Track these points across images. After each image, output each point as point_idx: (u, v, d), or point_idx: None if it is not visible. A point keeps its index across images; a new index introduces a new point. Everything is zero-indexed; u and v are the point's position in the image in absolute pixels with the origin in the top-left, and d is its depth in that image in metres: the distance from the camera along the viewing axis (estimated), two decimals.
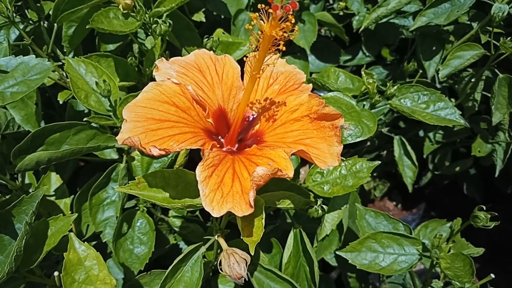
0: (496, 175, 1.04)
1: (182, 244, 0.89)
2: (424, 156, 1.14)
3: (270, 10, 0.44)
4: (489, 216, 0.61)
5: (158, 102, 0.47)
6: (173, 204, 0.52)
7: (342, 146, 0.47)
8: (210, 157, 0.43)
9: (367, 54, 1.20)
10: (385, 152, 1.26)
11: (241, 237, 0.48)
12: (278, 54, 0.56)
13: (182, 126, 0.47)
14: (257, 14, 0.44)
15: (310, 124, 0.49)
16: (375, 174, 1.36)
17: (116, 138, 0.44)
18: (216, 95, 0.53)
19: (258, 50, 0.46)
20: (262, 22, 0.44)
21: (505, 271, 1.27)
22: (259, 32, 0.46)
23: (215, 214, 0.41)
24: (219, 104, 0.53)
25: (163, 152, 0.42)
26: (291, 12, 0.42)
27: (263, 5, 0.44)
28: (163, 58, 0.51)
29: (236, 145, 0.52)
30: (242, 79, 0.55)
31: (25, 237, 0.52)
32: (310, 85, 0.55)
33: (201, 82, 0.52)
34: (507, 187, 1.27)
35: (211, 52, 0.55)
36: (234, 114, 0.53)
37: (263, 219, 0.50)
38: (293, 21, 0.43)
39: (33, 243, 0.57)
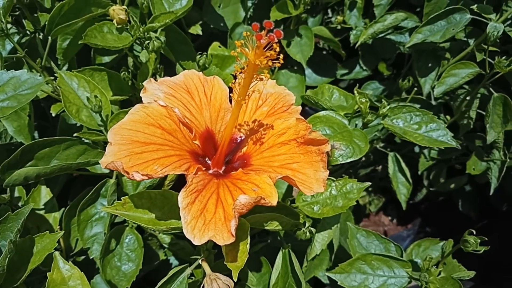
0: (491, 193, 1.03)
1: (172, 259, 0.88)
2: (419, 172, 1.13)
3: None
4: (479, 240, 0.61)
5: (144, 124, 0.47)
6: (159, 226, 0.52)
7: (328, 172, 0.46)
8: (194, 183, 0.43)
9: (364, 68, 1.20)
10: (380, 167, 1.25)
11: (225, 263, 0.48)
12: (268, 76, 0.56)
13: (168, 149, 0.46)
14: (242, 41, 0.44)
15: (297, 148, 0.49)
16: (370, 189, 1.35)
17: (100, 161, 0.44)
18: (204, 117, 0.52)
19: (243, 76, 0.46)
20: (247, 49, 0.44)
21: None
22: (244, 59, 0.46)
23: (196, 242, 0.40)
24: (207, 126, 0.53)
25: (145, 178, 0.42)
26: (275, 41, 0.42)
27: (248, 33, 0.44)
28: (151, 79, 0.51)
29: (223, 167, 0.52)
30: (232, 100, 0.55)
31: (8, 256, 0.52)
32: (299, 107, 0.55)
33: (189, 104, 0.51)
34: (502, 205, 1.26)
35: (200, 73, 0.54)
36: (222, 136, 0.53)
37: (248, 244, 0.49)
38: (277, 49, 0.43)
39: (17, 260, 0.57)
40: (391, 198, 1.41)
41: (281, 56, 0.44)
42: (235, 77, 0.48)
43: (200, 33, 1.00)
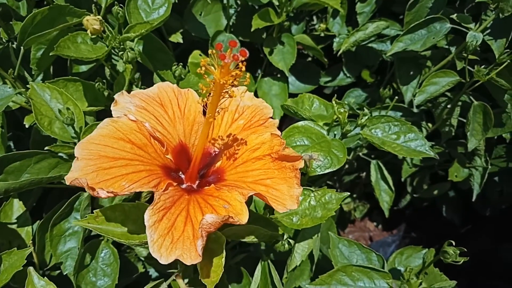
0: (473, 199, 1.04)
1: (152, 271, 0.87)
2: (402, 179, 1.13)
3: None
4: (458, 252, 0.60)
5: (113, 139, 0.45)
6: (132, 240, 0.50)
7: (302, 188, 0.45)
8: (162, 200, 0.42)
9: (348, 75, 1.21)
10: (364, 173, 1.25)
11: (200, 278, 0.46)
12: (245, 88, 0.55)
13: (138, 164, 0.45)
14: (208, 59, 0.43)
15: (272, 164, 0.48)
16: (354, 196, 1.35)
17: (65, 177, 0.42)
18: (177, 130, 0.51)
19: (211, 94, 0.45)
20: (212, 68, 0.43)
21: None
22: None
23: (163, 261, 0.39)
24: (180, 139, 0.51)
25: (111, 195, 0.40)
26: (241, 60, 0.41)
27: (213, 51, 0.43)
28: (123, 91, 0.50)
29: (197, 181, 0.51)
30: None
31: None
32: (276, 121, 0.54)
33: (162, 117, 0.50)
34: (485, 210, 1.27)
35: (175, 85, 0.53)
36: (195, 151, 0.52)
37: (223, 258, 0.48)
38: (243, 69, 0.42)
39: None
40: (376, 204, 1.40)
41: (248, 75, 0.43)
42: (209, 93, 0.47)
43: (181, 41, 0.99)
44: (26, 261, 0.55)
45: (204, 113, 0.53)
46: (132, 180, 0.43)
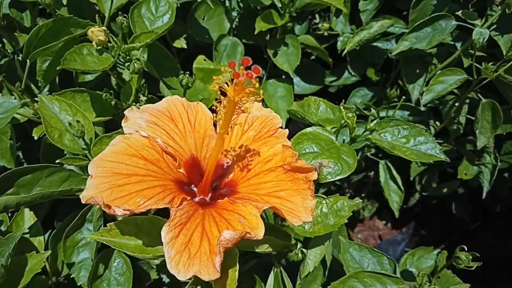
0: (484, 196, 1.03)
1: (165, 278, 0.87)
2: (411, 178, 1.13)
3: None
4: (471, 257, 0.60)
5: (125, 155, 0.45)
6: (145, 254, 0.51)
7: (316, 200, 0.45)
8: (178, 216, 0.42)
9: (353, 73, 1.20)
10: (372, 173, 1.25)
11: None
12: (254, 98, 0.55)
13: (151, 179, 0.45)
14: (220, 76, 0.43)
15: (284, 175, 0.48)
16: (363, 195, 1.34)
17: (80, 196, 0.42)
18: (188, 144, 0.51)
19: (224, 109, 0.45)
20: (226, 85, 0.43)
21: None
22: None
23: (181, 277, 0.39)
24: (192, 153, 0.51)
25: (127, 213, 0.41)
26: (254, 76, 0.41)
27: (227, 68, 0.43)
28: (133, 107, 0.50)
29: (210, 194, 0.51)
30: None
31: (0, 281, 0.51)
32: (286, 131, 0.53)
33: (172, 131, 0.50)
34: (495, 206, 1.26)
35: (183, 99, 0.53)
36: (207, 164, 0.52)
37: (237, 271, 0.48)
38: (257, 85, 0.42)
39: (2, 283, 0.55)
40: (385, 202, 1.40)
41: (261, 91, 0.43)
42: (214, 111, 0.47)
43: (185, 46, 0.98)
44: (44, 263, 0.56)
45: (215, 125, 0.53)
46: (147, 196, 0.43)
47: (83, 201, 0.42)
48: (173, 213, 0.42)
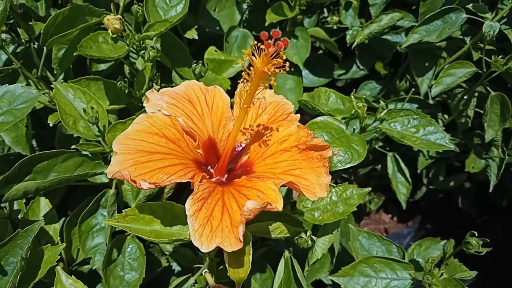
0: (490, 190, 1.03)
1: (175, 266, 0.88)
2: (418, 171, 1.13)
3: (262, 46, 0.44)
4: (481, 242, 0.61)
5: (148, 134, 0.47)
6: (161, 238, 0.52)
7: (330, 177, 0.47)
8: (200, 190, 0.43)
9: (361, 67, 1.20)
10: (379, 166, 1.26)
11: (228, 274, 0.48)
12: (267, 85, 0.56)
13: (172, 158, 0.46)
14: (249, 50, 0.45)
15: (299, 155, 0.49)
16: (370, 188, 1.35)
17: (106, 171, 0.44)
18: (206, 126, 0.53)
19: (249, 83, 0.46)
20: (254, 58, 0.44)
21: (502, 285, 1.27)
22: (251, 67, 0.46)
23: (204, 249, 0.40)
24: (209, 135, 0.53)
25: (152, 186, 0.42)
26: (282, 49, 0.42)
27: (255, 42, 0.45)
28: (153, 89, 0.51)
29: (226, 175, 0.52)
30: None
31: (20, 273, 0.52)
32: (298, 115, 0.55)
33: (191, 113, 0.51)
34: (502, 200, 1.26)
35: (201, 83, 0.54)
36: (224, 145, 0.53)
37: (250, 255, 0.49)
38: (284, 57, 0.44)
39: (21, 274, 0.57)
40: (391, 196, 1.41)
41: (287, 64, 0.45)
42: (235, 85, 0.49)
43: (196, 37, 0.99)
44: (59, 256, 0.57)
45: (232, 109, 0.55)
46: (169, 173, 0.44)
47: (109, 176, 0.43)
48: (196, 187, 0.43)
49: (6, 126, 0.57)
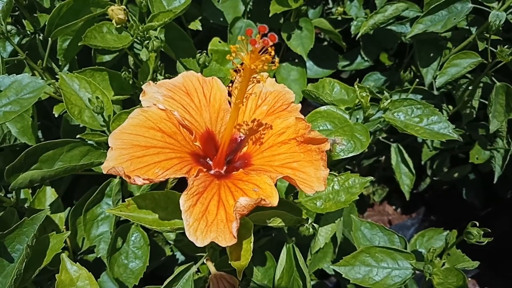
0: (495, 181, 1.03)
1: (178, 255, 0.90)
2: (422, 162, 1.13)
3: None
4: (482, 232, 0.61)
5: (144, 128, 0.47)
6: (163, 226, 0.52)
7: (328, 170, 0.47)
8: (195, 185, 0.43)
9: (366, 58, 1.20)
10: (383, 157, 1.26)
11: (229, 262, 0.48)
12: (267, 74, 0.56)
13: (168, 151, 0.47)
14: (237, 45, 0.44)
15: (297, 147, 0.49)
16: (373, 179, 1.35)
17: (101, 166, 0.44)
18: (203, 118, 0.53)
19: (239, 80, 0.46)
20: (242, 54, 0.44)
21: (505, 276, 1.27)
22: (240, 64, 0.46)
23: (199, 244, 0.41)
24: (207, 127, 0.53)
25: (147, 182, 0.42)
26: (270, 45, 0.42)
27: (242, 37, 0.44)
28: (150, 82, 0.51)
29: (225, 167, 0.52)
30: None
31: (25, 260, 0.53)
32: (299, 105, 0.55)
33: (188, 105, 0.52)
34: (506, 192, 1.26)
35: (199, 74, 0.54)
36: (222, 137, 0.53)
37: (252, 242, 0.50)
38: (272, 53, 0.43)
39: (26, 261, 0.58)
40: (395, 187, 1.41)
41: (276, 60, 0.44)
42: (231, 81, 0.48)
43: (200, 28, 0.99)
44: (64, 244, 0.58)
45: (229, 101, 0.55)
46: (165, 167, 0.44)
47: (104, 172, 0.43)
48: (191, 183, 0.43)
49: (13, 115, 0.58)
